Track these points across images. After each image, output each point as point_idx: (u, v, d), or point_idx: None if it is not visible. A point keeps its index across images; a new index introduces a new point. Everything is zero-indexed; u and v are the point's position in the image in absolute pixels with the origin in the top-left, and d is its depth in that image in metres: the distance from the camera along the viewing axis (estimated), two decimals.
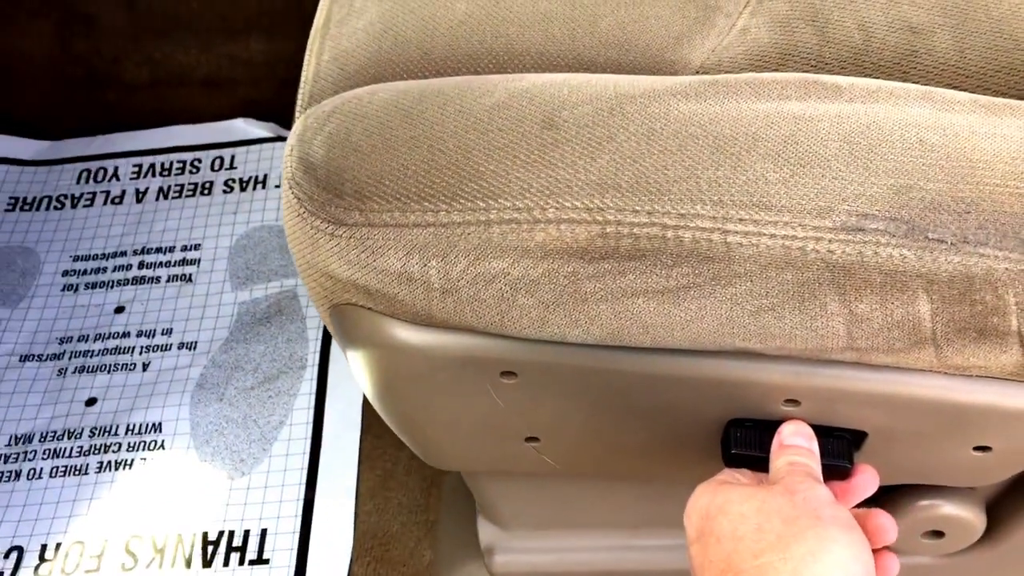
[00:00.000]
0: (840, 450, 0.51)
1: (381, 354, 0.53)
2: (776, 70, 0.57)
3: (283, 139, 1.21)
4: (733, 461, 0.52)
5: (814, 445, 0.50)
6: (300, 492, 0.91)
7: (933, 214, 0.45)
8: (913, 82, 0.56)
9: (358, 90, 0.55)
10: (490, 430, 0.57)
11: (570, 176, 0.46)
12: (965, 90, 0.56)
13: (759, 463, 0.50)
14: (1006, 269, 0.45)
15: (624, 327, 0.48)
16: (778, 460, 0.49)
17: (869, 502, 0.62)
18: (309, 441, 0.94)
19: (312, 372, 0.99)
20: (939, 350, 0.47)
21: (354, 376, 0.58)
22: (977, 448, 0.52)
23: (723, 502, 0.46)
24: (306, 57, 0.62)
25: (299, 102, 0.60)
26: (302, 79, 0.61)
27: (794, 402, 0.51)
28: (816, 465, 0.49)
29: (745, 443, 0.51)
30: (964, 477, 0.56)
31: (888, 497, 0.60)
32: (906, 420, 0.51)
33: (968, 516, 0.59)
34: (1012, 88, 0.56)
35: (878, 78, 0.56)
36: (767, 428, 0.51)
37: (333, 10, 0.63)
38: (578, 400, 0.54)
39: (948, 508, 0.59)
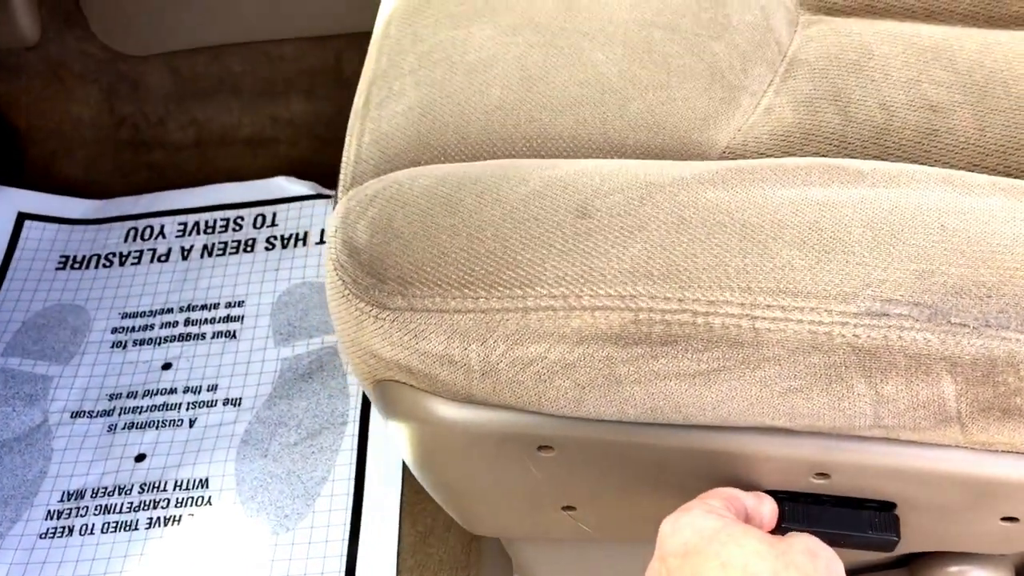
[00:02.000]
0: (887, 524, 0.52)
1: (422, 428, 0.56)
2: (800, 150, 0.59)
3: (323, 196, 1.24)
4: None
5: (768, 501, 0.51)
6: (343, 548, 0.93)
7: (955, 298, 0.47)
8: (935, 160, 0.58)
9: (398, 174, 0.58)
10: (527, 499, 0.59)
11: (603, 264, 0.49)
12: (986, 167, 0.58)
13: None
14: None
15: (657, 407, 0.50)
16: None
17: (896, 566, 0.64)
18: (351, 497, 0.96)
19: (354, 428, 1.02)
20: (964, 428, 0.48)
21: (395, 443, 0.60)
22: (1005, 519, 0.54)
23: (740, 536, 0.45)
24: (347, 138, 0.65)
25: (341, 183, 0.63)
26: (344, 160, 0.64)
27: (824, 475, 0.53)
28: (750, 497, 0.50)
29: (792, 518, 0.52)
30: (993, 545, 0.58)
31: (918, 563, 0.61)
32: (934, 493, 0.52)
33: None
34: None
35: (900, 157, 0.58)
36: (810, 501, 0.52)
37: (372, 92, 0.66)
38: (613, 472, 0.56)
39: (977, 573, 0.60)
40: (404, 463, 0.99)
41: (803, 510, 0.53)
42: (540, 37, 0.64)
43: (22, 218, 1.24)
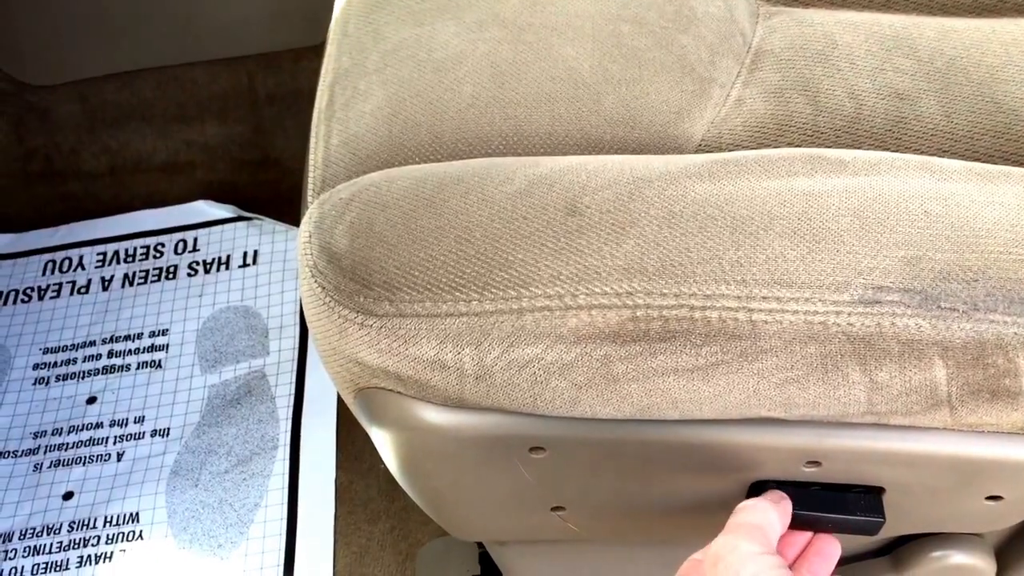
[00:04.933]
0: (871, 505, 0.53)
1: (409, 436, 0.54)
2: (775, 141, 0.60)
3: (244, 219, 1.22)
4: None
5: (784, 503, 0.51)
6: (279, 573, 0.91)
7: (944, 283, 0.48)
8: (906, 147, 0.59)
9: (373, 176, 0.57)
10: (516, 502, 0.59)
11: (598, 262, 0.48)
12: (956, 154, 0.59)
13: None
14: (1015, 333, 0.47)
15: (654, 403, 0.50)
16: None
17: (881, 554, 0.65)
18: (285, 522, 0.95)
19: (284, 452, 1.00)
20: (954, 411, 0.49)
21: (380, 454, 0.59)
22: (990, 498, 0.55)
23: None
24: (312, 140, 0.63)
25: (310, 187, 0.61)
26: (310, 163, 0.62)
27: (816, 463, 0.53)
28: (770, 510, 0.50)
29: None
30: (977, 524, 0.59)
31: (900, 550, 0.62)
32: (922, 475, 0.53)
33: (979, 563, 0.62)
34: (999, 151, 0.59)
35: (873, 145, 0.59)
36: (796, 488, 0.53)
37: (336, 92, 0.64)
38: (605, 470, 0.55)
39: (959, 557, 0.61)
40: (336, 483, 0.98)
41: (792, 495, 0.53)
42: (507, 33, 0.63)
43: None
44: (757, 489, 0.55)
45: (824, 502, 0.53)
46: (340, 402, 1.04)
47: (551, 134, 0.58)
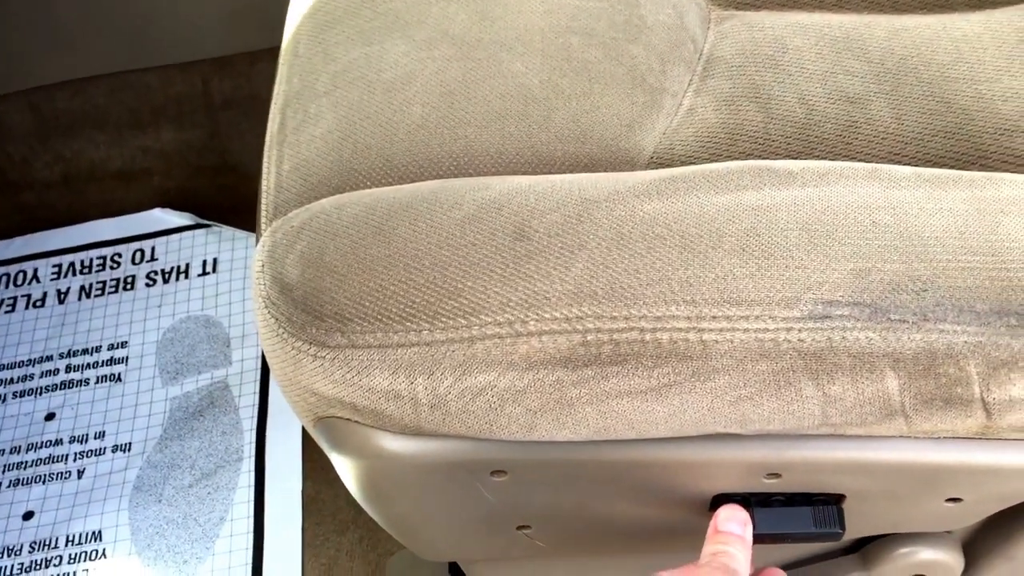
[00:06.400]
0: (829, 517, 0.53)
1: (369, 464, 0.54)
2: (727, 150, 0.59)
3: (203, 226, 1.21)
4: None
5: (748, 531, 0.52)
6: None
7: (893, 295, 0.48)
8: (857, 152, 0.59)
9: (324, 203, 0.56)
10: (481, 523, 0.59)
11: (547, 287, 0.48)
12: (907, 156, 0.59)
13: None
14: (965, 342, 0.47)
15: (610, 425, 0.50)
16: (707, 546, 0.51)
17: (849, 552, 0.65)
18: (252, 535, 0.94)
19: (249, 464, 0.99)
20: (908, 420, 0.49)
21: (343, 481, 0.59)
22: (949, 500, 0.55)
23: None
24: (264, 165, 0.63)
25: (263, 213, 0.60)
26: (263, 188, 0.62)
27: (775, 475, 0.53)
28: (744, 552, 0.51)
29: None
30: (939, 524, 0.59)
31: (868, 548, 0.63)
32: (881, 482, 0.54)
33: (946, 559, 0.62)
34: (950, 151, 0.59)
35: (823, 151, 0.59)
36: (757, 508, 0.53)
37: (287, 116, 0.64)
38: (567, 490, 0.55)
39: (927, 553, 0.62)
40: (303, 495, 0.98)
41: (753, 515, 0.54)
42: (457, 50, 0.63)
43: None
44: (719, 502, 0.55)
45: (783, 519, 0.53)
46: None
47: (501, 153, 0.58)
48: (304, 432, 1.03)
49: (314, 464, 1.00)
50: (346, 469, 0.56)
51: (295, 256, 0.53)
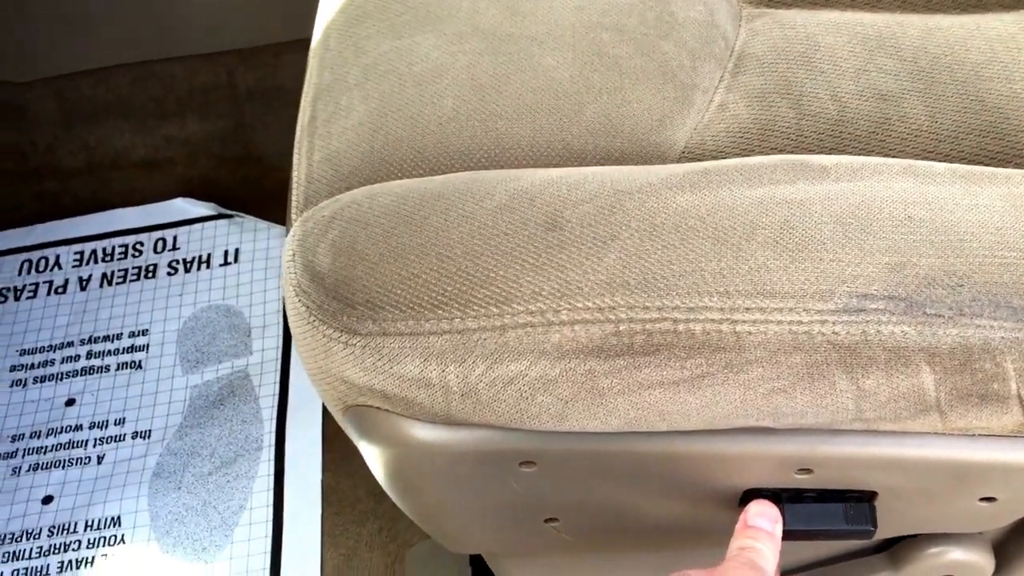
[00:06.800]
0: (861, 515, 0.53)
1: (399, 452, 0.54)
2: (759, 146, 0.59)
3: (225, 216, 1.21)
4: None
5: (777, 528, 0.52)
6: None
7: (928, 289, 0.47)
8: (890, 150, 0.59)
9: (355, 193, 0.56)
10: (509, 515, 0.58)
11: (579, 277, 0.48)
12: (941, 154, 0.58)
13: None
14: (1002, 338, 0.47)
15: (641, 416, 0.49)
16: (735, 541, 0.50)
17: (878, 551, 0.64)
18: (271, 524, 0.94)
19: (269, 453, 0.99)
20: (943, 416, 0.49)
21: (371, 470, 0.59)
22: (983, 499, 0.54)
23: None
24: (295, 157, 0.63)
25: (294, 204, 0.61)
26: (293, 179, 0.62)
27: (807, 471, 0.53)
28: (772, 548, 0.50)
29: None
30: (972, 524, 0.59)
31: (897, 547, 0.62)
32: (914, 479, 0.53)
33: (977, 559, 0.61)
34: (984, 150, 0.58)
35: (856, 148, 0.59)
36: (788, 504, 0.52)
37: (318, 108, 0.64)
38: (597, 482, 0.55)
39: (957, 554, 0.61)
40: (322, 484, 0.97)
41: (783, 511, 0.53)
42: (487, 44, 0.63)
43: None
44: (749, 497, 0.54)
45: (813, 516, 0.53)
46: None
47: (533, 146, 0.58)
48: (324, 422, 1.03)
49: (334, 454, 1.00)
50: (374, 458, 0.56)
51: (326, 245, 0.53)
